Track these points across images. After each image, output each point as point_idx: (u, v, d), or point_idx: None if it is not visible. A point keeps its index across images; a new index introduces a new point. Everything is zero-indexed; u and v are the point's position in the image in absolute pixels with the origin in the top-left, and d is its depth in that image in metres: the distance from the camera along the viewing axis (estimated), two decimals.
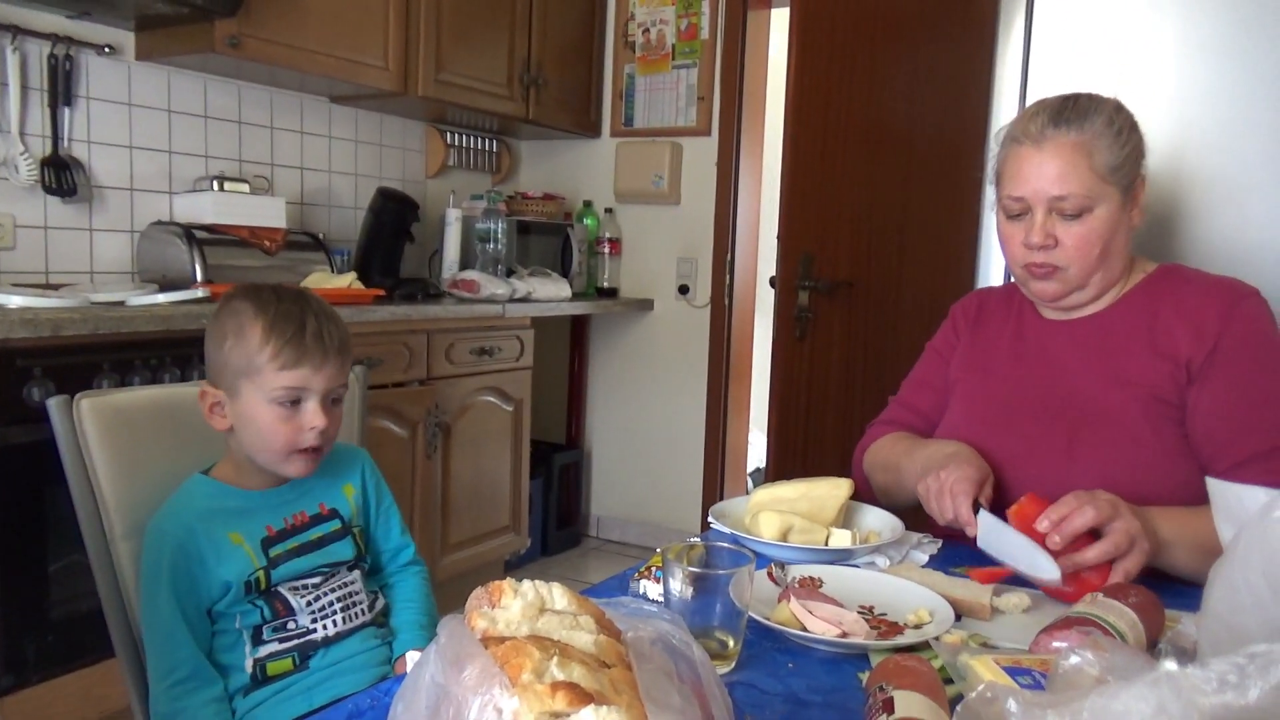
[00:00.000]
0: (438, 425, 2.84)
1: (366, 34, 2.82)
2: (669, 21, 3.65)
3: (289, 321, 1.19)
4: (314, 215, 3.19)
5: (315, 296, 1.27)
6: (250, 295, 1.22)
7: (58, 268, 2.49)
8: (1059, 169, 1.24)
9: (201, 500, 1.22)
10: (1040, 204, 1.26)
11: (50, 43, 2.39)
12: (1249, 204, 1.70)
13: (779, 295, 2.78)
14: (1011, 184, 1.29)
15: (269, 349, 1.18)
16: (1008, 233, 1.33)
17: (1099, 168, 1.24)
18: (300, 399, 1.20)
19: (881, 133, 2.64)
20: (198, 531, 1.18)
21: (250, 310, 1.20)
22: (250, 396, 1.19)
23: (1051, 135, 1.26)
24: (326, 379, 1.22)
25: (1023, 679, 0.73)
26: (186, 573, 1.16)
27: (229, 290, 1.26)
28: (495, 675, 0.54)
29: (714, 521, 1.24)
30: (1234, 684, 0.48)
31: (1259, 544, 0.71)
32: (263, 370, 1.18)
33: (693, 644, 0.64)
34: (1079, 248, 1.26)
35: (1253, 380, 1.22)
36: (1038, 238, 1.27)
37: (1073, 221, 1.26)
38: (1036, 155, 1.26)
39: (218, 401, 1.22)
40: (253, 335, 1.18)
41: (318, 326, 1.21)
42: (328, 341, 1.22)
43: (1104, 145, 1.25)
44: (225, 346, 1.20)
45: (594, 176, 3.86)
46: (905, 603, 1.01)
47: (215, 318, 1.24)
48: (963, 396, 1.44)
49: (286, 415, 1.20)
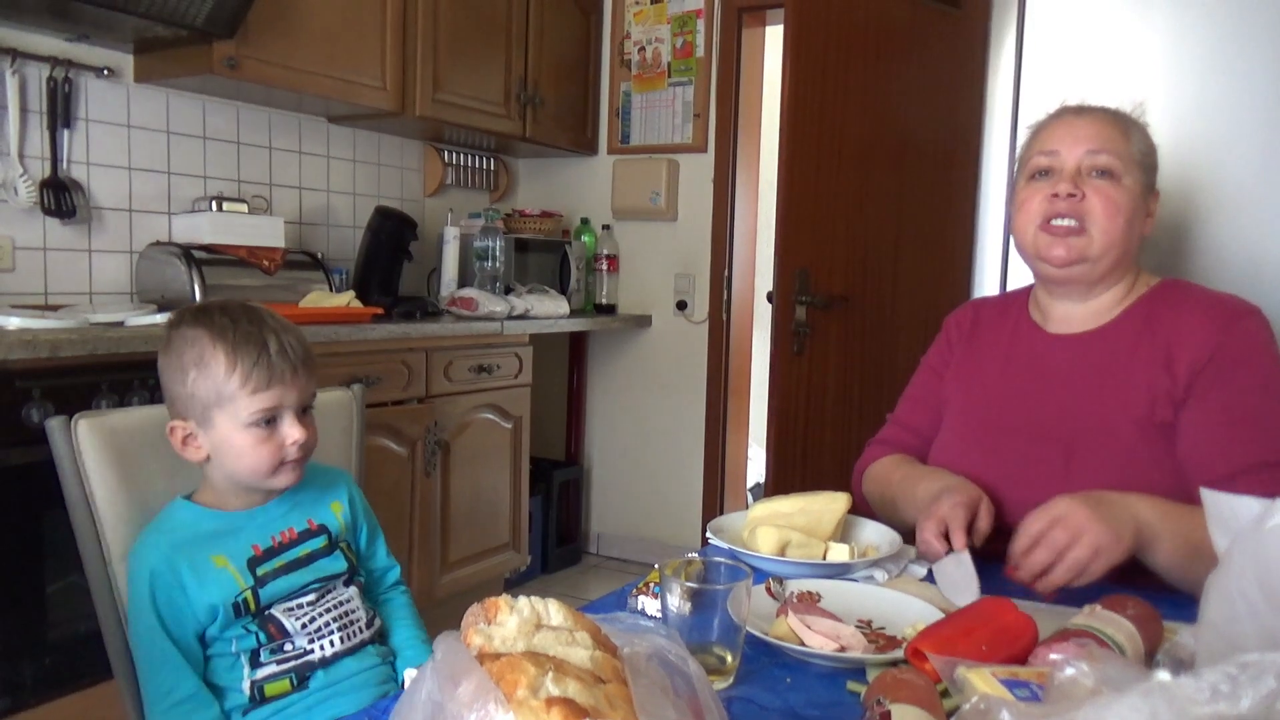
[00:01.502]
0: (437, 443, 2.84)
1: (364, 54, 2.84)
2: (664, 39, 3.68)
3: (251, 343, 1.17)
4: (312, 235, 3.20)
5: (267, 310, 1.24)
6: (201, 321, 1.19)
7: (57, 289, 2.50)
8: (1099, 130, 1.28)
9: (182, 526, 1.20)
10: (1073, 158, 1.28)
11: (49, 65, 2.41)
12: (1240, 216, 1.71)
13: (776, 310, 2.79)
14: (1046, 142, 1.31)
15: (237, 376, 1.16)
16: (1027, 194, 1.32)
17: (1134, 148, 1.29)
18: (276, 417, 1.19)
19: (875, 148, 2.66)
20: (177, 558, 1.16)
21: (206, 338, 1.17)
22: (225, 425, 1.17)
23: (1094, 109, 1.31)
24: (298, 393, 1.21)
25: (1020, 691, 0.73)
26: (169, 601, 1.15)
27: (173, 317, 1.23)
28: (491, 691, 0.54)
29: (712, 537, 1.24)
30: (1226, 694, 0.48)
31: (1253, 554, 0.71)
32: (235, 397, 1.16)
33: (688, 659, 0.64)
34: (1106, 207, 1.26)
35: (1243, 397, 1.21)
36: (1066, 185, 1.27)
37: (1102, 182, 1.27)
38: (1076, 119, 1.30)
39: (189, 434, 1.20)
40: (216, 364, 1.16)
41: (280, 343, 1.19)
42: (293, 356, 1.20)
43: (1140, 134, 1.31)
44: (189, 379, 1.17)
45: (591, 194, 3.88)
46: (903, 616, 1.01)
47: (168, 349, 1.20)
48: (958, 412, 1.42)
49: (265, 435, 1.18)
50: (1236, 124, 1.71)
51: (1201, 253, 1.74)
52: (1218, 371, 1.22)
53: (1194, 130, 1.74)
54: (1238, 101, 1.71)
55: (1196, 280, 1.37)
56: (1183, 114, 1.75)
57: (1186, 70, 1.74)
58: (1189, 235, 1.75)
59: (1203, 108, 1.73)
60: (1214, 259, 1.72)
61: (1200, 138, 1.74)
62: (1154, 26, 1.76)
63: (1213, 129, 1.73)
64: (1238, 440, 1.19)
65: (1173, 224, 1.75)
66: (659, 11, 3.68)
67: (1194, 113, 1.74)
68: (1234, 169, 1.71)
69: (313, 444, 1.24)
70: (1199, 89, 1.73)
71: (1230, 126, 1.71)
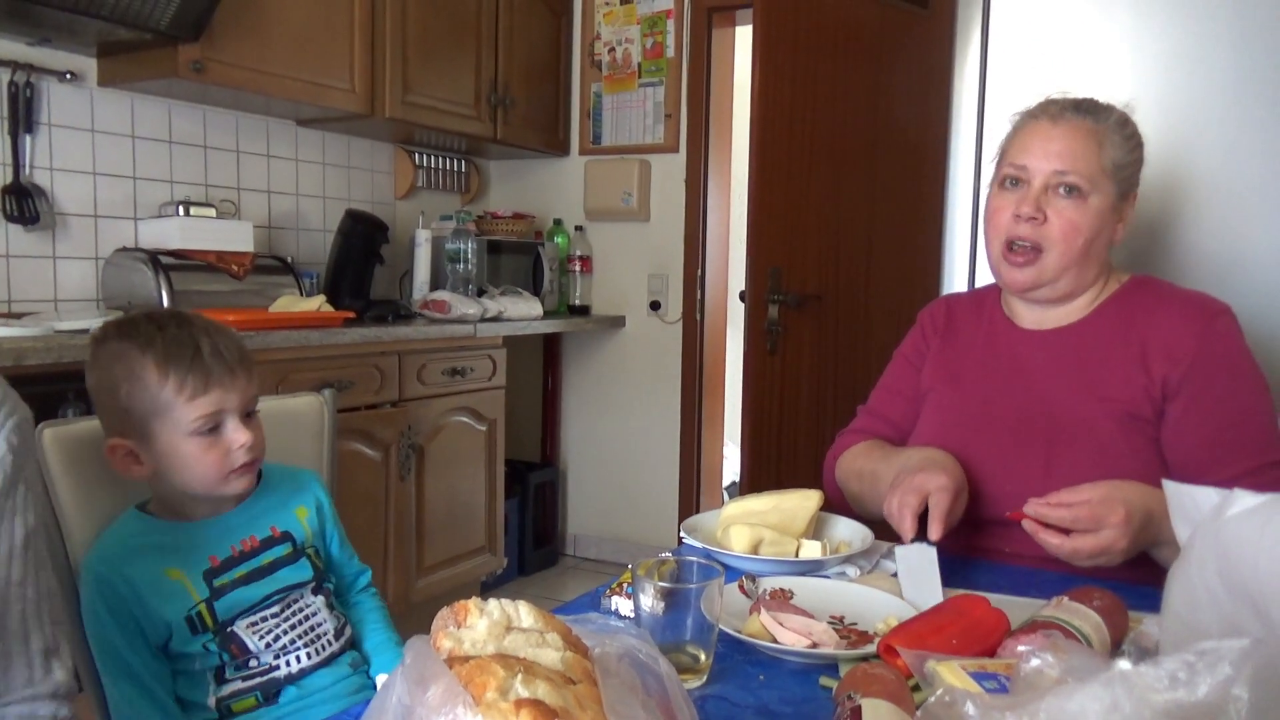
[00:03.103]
0: (411, 447, 2.83)
1: (332, 56, 2.82)
2: (634, 40, 3.68)
3: (181, 348, 1.13)
4: (282, 238, 3.17)
5: (195, 314, 1.21)
6: (126, 333, 1.15)
7: (21, 296, 2.46)
8: (1070, 146, 1.27)
9: (133, 537, 1.17)
10: (1040, 176, 1.28)
11: (10, 70, 2.37)
12: (1208, 215, 1.73)
13: (749, 309, 2.80)
14: (1017, 153, 1.31)
15: (171, 383, 1.12)
16: (997, 205, 1.33)
17: (1106, 160, 1.28)
18: (219, 423, 1.16)
19: (846, 147, 2.68)
20: (131, 571, 1.13)
21: (134, 349, 1.13)
22: (167, 436, 1.14)
23: (1070, 117, 1.29)
24: (240, 394, 1.17)
25: (988, 683, 0.74)
26: (123, 611, 1.12)
27: (97, 333, 1.18)
28: (459, 695, 0.54)
29: (686, 536, 1.24)
30: (1184, 681, 0.49)
31: (1213, 543, 0.72)
32: (172, 406, 1.12)
33: (659, 658, 0.65)
34: (1065, 230, 1.27)
35: (1230, 400, 1.24)
36: (1028, 208, 1.28)
37: (1066, 203, 1.27)
38: (1051, 129, 1.29)
39: (129, 451, 1.15)
40: (147, 374, 1.12)
41: (212, 344, 1.15)
42: (229, 357, 1.16)
43: (1116, 141, 1.29)
44: (121, 393, 1.13)
45: (563, 195, 3.87)
46: (875, 612, 1.02)
47: (95, 364, 1.15)
48: (936, 407, 1.44)
49: (210, 443, 1.15)
50: (1202, 122, 1.73)
51: (1172, 252, 1.76)
52: (1199, 374, 1.24)
53: (1159, 126, 1.76)
54: (1202, 99, 1.73)
55: (1170, 278, 1.40)
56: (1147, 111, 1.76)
57: (1150, 68, 1.77)
58: (1159, 235, 1.77)
59: (1167, 106, 1.75)
60: (1184, 258, 1.75)
61: (1166, 135, 1.76)
62: (1118, 24, 1.78)
63: (1178, 127, 1.75)
64: (1230, 447, 1.22)
65: (1142, 223, 1.77)
66: (629, 12, 3.68)
67: (1158, 110, 1.76)
68: (1201, 167, 1.74)
69: (261, 447, 1.21)
70: (1162, 87, 1.76)
71: (1196, 124, 1.74)
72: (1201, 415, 1.23)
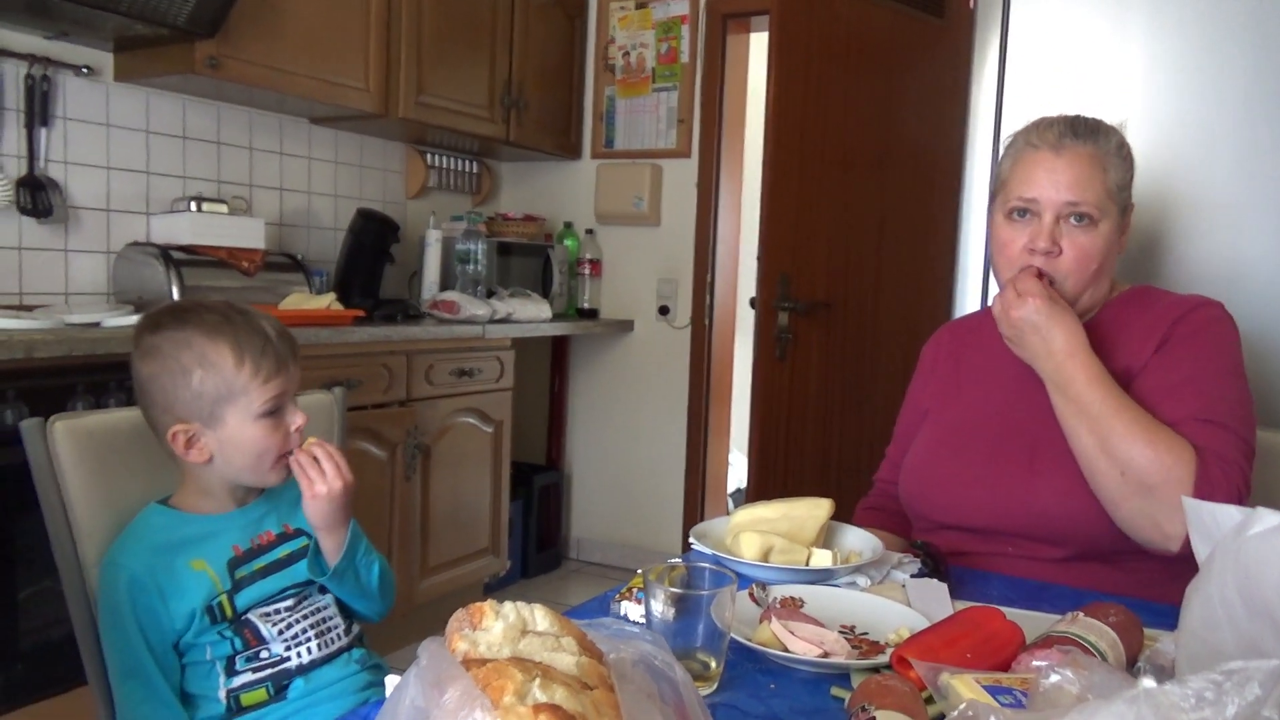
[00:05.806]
0: (417, 447, 2.82)
1: (347, 56, 2.83)
2: (649, 45, 3.68)
3: (253, 334, 1.19)
4: (293, 236, 3.18)
5: (243, 304, 1.25)
6: (189, 321, 1.18)
7: (32, 289, 2.46)
8: (1076, 176, 1.26)
9: (159, 532, 1.19)
10: (1051, 209, 1.27)
11: (27, 63, 2.38)
12: (1216, 227, 1.73)
13: (759, 316, 2.79)
14: (1023, 186, 1.29)
15: (247, 367, 1.17)
16: (1007, 236, 1.32)
17: (1110, 184, 1.27)
18: (281, 405, 1.20)
19: (859, 155, 2.67)
20: (155, 564, 1.15)
21: (202, 336, 1.16)
22: (235, 419, 1.17)
23: (1070, 145, 1.28)
24: (298, 377, 1.23)
25: (1004, 698, 0.73)
26: (147, 608, 1.14)
27: (146, 323, 1.20)
28: (477, 698, 0.54)
29: (695, 542, 1.23)
30: (1211, 701, 0.49)
31: (1233, 561, 0.72)
32: (247, 389, 1.17)
33: (675, 665, 0.64)
34: (1079, 260, 1.27)
35: (1183, 364, 1.24)
36: (1044, 242, 1.27)
37: (1079, 232, 1.27)
38: (1054, 160, 1.27)
39: (193, 436, 1.18)
40: (222, 359, 1.16)
41: (276, 330, 1.22)
42: (290, 340, 1.23)
43: (1115, 163, 1.28)
44: (194, 379, 1.15)
45: (574, 198, 3.87)
46: (886, 622, 1.01)
47: (159, 355, 1.17)
48: (931, 422, 1.46)
49: (274, 424, 1.19)
50: (1213, 135, 1.73)
51: (1176, 263, 1.76)
52: (1169, 345, 1.26)
53: (1171, 143, 1.76)
54: (1214, 113, 1.73)
55: (1171, 289, 1.40)
56: (1161, 124, 1.77)
57: (1163, 82, 1.76)
58: (1164, 246, 1.77)
59: (1180, 119, 1.75)
60: (1189, 270, 1.74)
61: (1178, 148, 1.76)
62: (1133, 39, 1.78)
63: (1190, 140, 1.75)
64: (1177, 398, 1.22)
65: (1149, 235, 1.77)
66: (644, 17, 3.68)
67: (1172, 123, 1.76)
68: (1210, 180, 1.73)
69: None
70: (1176, 100, 1.75)
71: (1207, 138, 1.73)
72: (1159, 372, 1.25)
